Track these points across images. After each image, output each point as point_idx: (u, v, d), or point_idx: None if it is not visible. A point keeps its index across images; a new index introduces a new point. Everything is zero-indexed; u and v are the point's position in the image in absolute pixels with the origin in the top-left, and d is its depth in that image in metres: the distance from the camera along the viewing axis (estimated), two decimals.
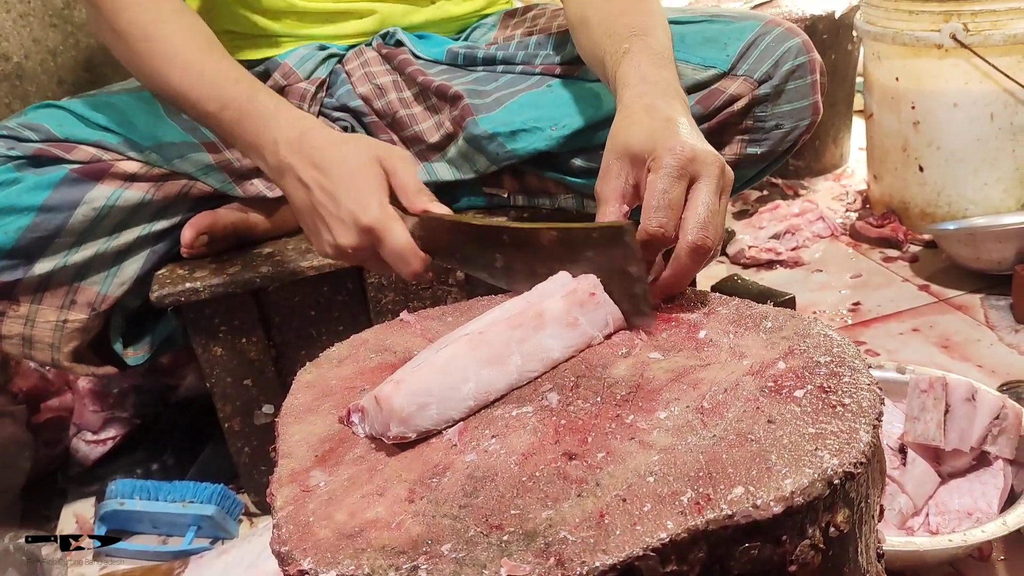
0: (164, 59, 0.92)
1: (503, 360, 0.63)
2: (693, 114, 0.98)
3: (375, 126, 1.14)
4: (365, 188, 0.78)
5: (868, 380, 0.58)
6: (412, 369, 0.63)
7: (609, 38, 0.86)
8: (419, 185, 0.80)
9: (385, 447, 0.60)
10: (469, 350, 0.63)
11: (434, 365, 0.61)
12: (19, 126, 1.03)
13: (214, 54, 0.93)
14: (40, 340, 1.06)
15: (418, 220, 0.79)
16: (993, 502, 0.97)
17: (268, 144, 0.85)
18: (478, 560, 0.47)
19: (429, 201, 0.79)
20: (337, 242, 0.80)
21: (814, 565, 0.50)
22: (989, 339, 1.43)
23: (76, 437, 1.34)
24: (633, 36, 0.84)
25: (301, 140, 0.82)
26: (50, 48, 1.52)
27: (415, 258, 0.78)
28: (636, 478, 0.52)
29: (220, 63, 0.92)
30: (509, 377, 0.64)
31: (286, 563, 0.51)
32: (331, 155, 0.80)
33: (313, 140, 0.82)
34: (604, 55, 0.86)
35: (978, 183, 1.69)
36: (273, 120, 0.85)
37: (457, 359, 0.62)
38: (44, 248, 1.01)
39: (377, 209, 0.77)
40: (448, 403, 0.61)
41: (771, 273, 1.75)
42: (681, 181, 0.68)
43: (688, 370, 0.63)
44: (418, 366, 0.62)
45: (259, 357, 1.11)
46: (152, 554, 1.13)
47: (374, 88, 1.14)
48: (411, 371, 0.62)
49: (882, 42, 1.70)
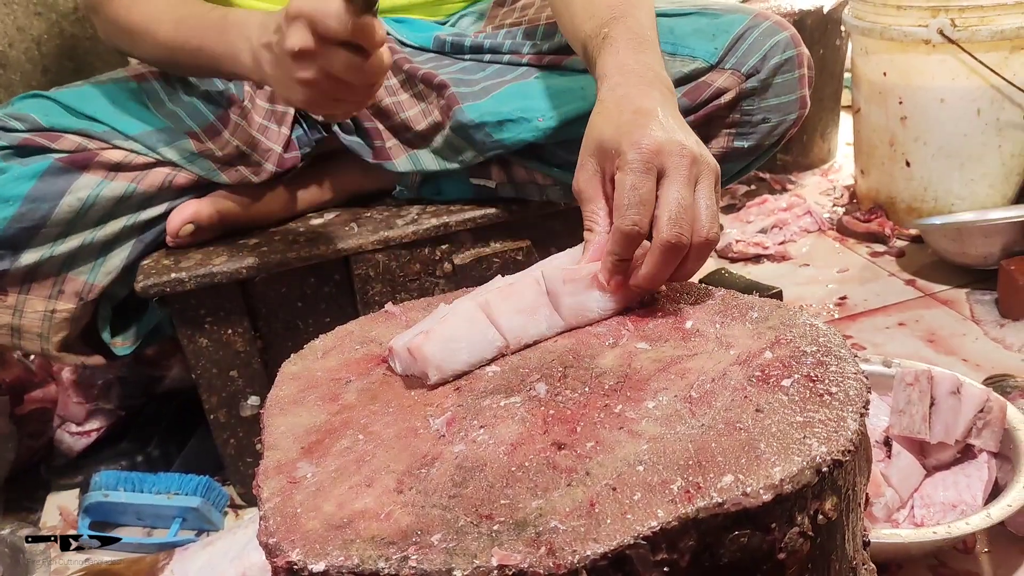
0: (149, 22, 0.99)
1: (534, 311, 0.69)
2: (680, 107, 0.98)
3: (360, 114, 1.13)
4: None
5: (854, 369, 0.58)
6: (439, 318, 0.67)
7: (590, 20, 0.85)
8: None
9: (372, 438, 0.60)
10: (500, 300, 0.68)
11: (460, 313, 0.67)
12: (5, 116, 1.03)
13: (190, 3, 0.99)
14: (29, 330, 1.06)
15: None
16: (978, 495, 0.97)
17: (242, 44, 0.89)
18: (468, 550, 0.47)
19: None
20: (289, 47, 0.79)
21: (802, 553, 0.50)
22: (974, 333, 1.43)
23: (60, 428, 1.33)
24: (613, 19, 0.82)
25: (267, 23, 0.85)
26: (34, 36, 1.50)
27: (350, 17, 0.76)
28: (626, 467, 0.52)
29: (197, 6, 0.98)
30: (539, 327, 0.69)
31: (274, 554, 0.51)
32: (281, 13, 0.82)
33: (274, 18, 0.84)
34: (585, 39, 0.85)
35: (964, 178, 1.70)
36: (245, 25, 0.89)
37: (487, 306, 0.67)
38: (30, 238, 1.01)
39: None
40: (477, 345, 0.66)
41: (758, 267, 1.76)
42: (649, 175, 0.67)
43: (676, 360, 0.63)
44: (443, 316, 0.67)
45: (245, 348, 1.10)
46: (137, 546, 1.13)
47: None
48: (439, 320, 0.66)
49: (870, 37, 1.71)
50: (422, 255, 1.11)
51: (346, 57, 0.79)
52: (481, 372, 0.66)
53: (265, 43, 0.85)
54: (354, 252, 1.08)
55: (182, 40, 0.96)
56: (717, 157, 1.08)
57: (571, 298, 0.70)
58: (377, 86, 0.85)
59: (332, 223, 1.15)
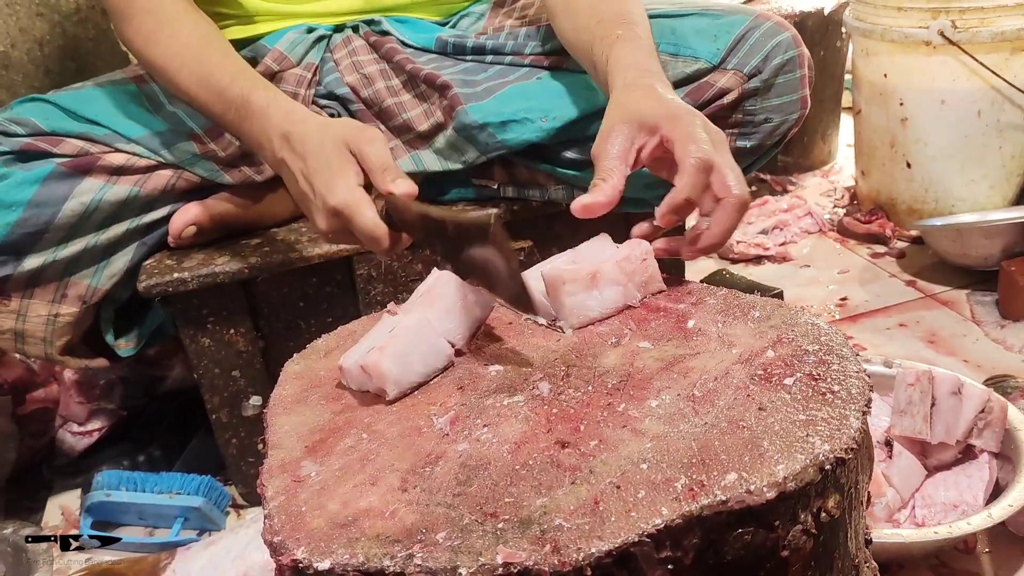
0: (170, 66, 0.97)
1: (467, 308, 0.70)
2: None
3: (363, 115, 1.13)
4: (334, 172, 0.82)
5: (856, 368, 0.59)
6: (389, 333, 0.67)
7: (599, 24, 0.90)
8: (385, 164, 0.82)
9: (376, 437, 0.60)
10: (427, 307, 0.69)
11: (409, 326, 0.67)
12: (5, 120, 1.03)
13: (212, 54, 0.97)
14: (32, 335, 1.06)
15: (384, 201, 0.81)
16: (979, 495, 0.98)
17: (265, 143, 0.90)
18: (473, 548, 0.47)
19: (393, 180, 0.81)
20: (317, 226, 0.84)
21: (806, 550, 0.50)
22: (975, 334, 1.43)
23: (62, 428, 1.33)
24: (624, 23, 0.88)
25: (290, 134, 0.87)
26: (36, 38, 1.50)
27: (383, 236, 0.80)
28: (629, 465, 0.52)
29: (219, 63, 0.96)
30: (473, 314, 0.71)
31: (279, 553, 0.51)
32: (311, 144, 0.85)
33: (298, 132, 0.86)
34: (593, 39, 0.89)
35: (965, 180, 1.70)
36: (266, 119, 0.90)
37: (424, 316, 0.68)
38: (33, 243, 1.01)
39: (344, 191, 0.81)
40: (430, 356, 0.67)
41: (759, 268, 1.76)
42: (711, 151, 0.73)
43: (678, 359, 0.63)
44: (392, 330, 0.67)
45: (247, 348, 1.10)
46: (139, 545, 1.13)
47: (361, 77, 1.14)
48: (390, 335, 0.67)
49: (871, 39, 1.71)
50: (423, 255, 1.11)
51: (368, 242, 0.82)
52: (484, 371, 0.66)
53: (283, 159, 0.87)
54: (356, 252, 1.08)
55: (203, 99, 0.96)
56: None
57: (571, 298, 0.70)
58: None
59: None
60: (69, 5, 1.54)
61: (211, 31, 1.00)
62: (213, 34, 1.00)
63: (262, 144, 0.90)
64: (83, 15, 1.57)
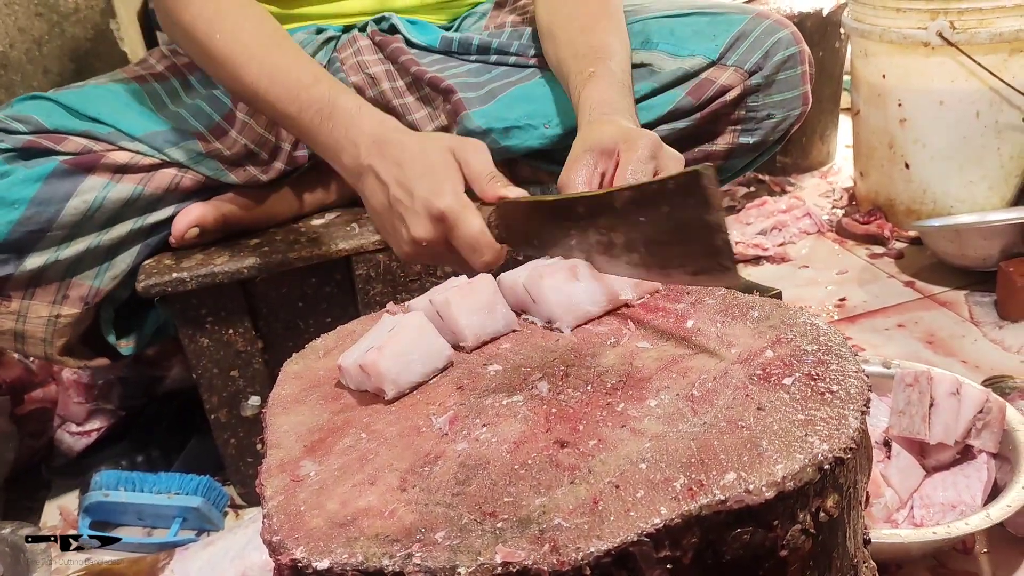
0: (235, 57, 0.92)
1: (491, 308, 0.70)
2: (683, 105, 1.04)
3: None
4: (439, 177, 0.78)
5: (855, 367, 0.59)
6: (388, 332, 0.66)
7: (574, 59, 0.93)
8: (493, 173, 0.79)
9: (375, 437, 0.60)
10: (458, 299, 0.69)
11: (409, 326, 0.66)
12: (7, 118, 1.02)
13: (285, 51, 0.92)
14: (32, 335, 1.06)
15: (494, 208, 0.78)
16: (977, 495, 0.98)
17: (348, 147, 0.85)
18: (472, 547, 0.47)
19: (503, 187, 0.78)
20: (412, 234, 0.79)
21: (804, 550, 0.50)
22: (973, 335, 1.44)
23: (60, 428, 1.33)
24: (597, 60, 0.91)
25: (385, 140, 0.83)
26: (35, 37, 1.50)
27: (488, 247, 0.76)
28: (628, 465, 0.52)
29: (295, 61, 0.91)
30: (496, 324, 0.70)
31: (278, 552, 0.51)
32: (409, 151, 0.80)
33: (395, 139, 0.82)
34: (568, 73, 0.93)
35: (963, 181, 1.70)
36: (355, 123, 0.85)
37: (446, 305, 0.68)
38: (35, 242, 1.00)
39: (450, 196, 0.76)
40: (429, 356, 0.66)
41: (758, 269, 1.76)
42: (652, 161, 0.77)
43: (677, 359, 0.63)
44: (391, 330, 0.66)
45: (246, 348, 1.10)
46: (137, 546, 1.13)
47: (366, 77, 1.14)
48: (389, 334, 0.66)
49: (869, 39, 1.71)
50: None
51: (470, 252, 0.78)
52: (483, 371, 0.66)
53: (370, 166, 0.82)
54: (355, 252, 1.08)
55: (272, 96, 0.90)
56: (723, 153, 1.11)
57: (556, 294, 0.69)
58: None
59: (333, 223, 1.15)
60: (68, 5, 1.54)
61: (279, 27, 0.96)
62: (281, 31, 0.95)
63: (344, 148, 0.85)
64: (82, 15, 1.57)
